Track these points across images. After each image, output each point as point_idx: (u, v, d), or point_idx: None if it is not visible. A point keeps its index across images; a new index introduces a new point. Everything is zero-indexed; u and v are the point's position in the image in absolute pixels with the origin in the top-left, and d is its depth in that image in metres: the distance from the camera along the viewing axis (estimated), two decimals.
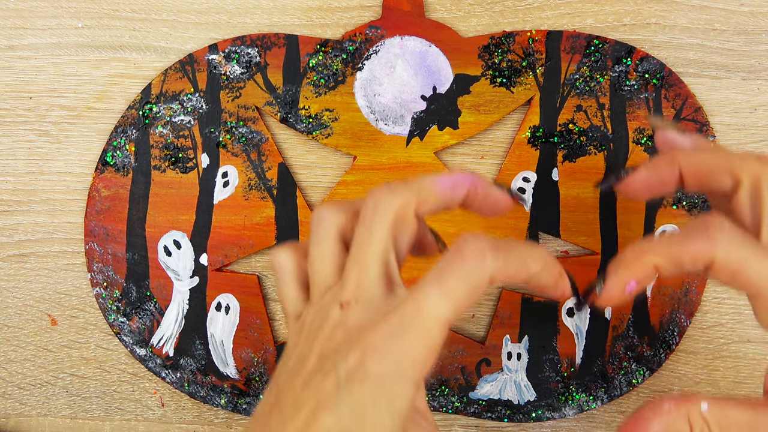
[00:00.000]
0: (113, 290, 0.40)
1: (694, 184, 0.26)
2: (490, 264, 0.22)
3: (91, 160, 0.41)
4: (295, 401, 0.23)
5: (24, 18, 0.41)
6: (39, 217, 0.41)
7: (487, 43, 0.39)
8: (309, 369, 0.23)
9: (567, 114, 0.39)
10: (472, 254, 0.22)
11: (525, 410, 0.40)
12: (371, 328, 0.22)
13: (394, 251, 0.24)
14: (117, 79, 0.41)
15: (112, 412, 0.42)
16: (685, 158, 0.26)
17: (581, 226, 0.40)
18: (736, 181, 0.25)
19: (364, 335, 0.22)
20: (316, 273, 0.25)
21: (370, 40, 0.39)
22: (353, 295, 0.23)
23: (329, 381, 0.22)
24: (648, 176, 0.27)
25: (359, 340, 0.22)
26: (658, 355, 0.40)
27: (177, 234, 0.40)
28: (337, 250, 0.25)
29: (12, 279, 0.42)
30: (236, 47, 0.40)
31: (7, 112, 0.41)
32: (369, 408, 0.21)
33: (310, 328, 0.24)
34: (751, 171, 0.25)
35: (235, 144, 0.40)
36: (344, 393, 0.21)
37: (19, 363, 0.42)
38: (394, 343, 0.21)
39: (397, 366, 0.21)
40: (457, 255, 0.22)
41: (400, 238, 0.24)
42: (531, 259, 0.23)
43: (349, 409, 0.21)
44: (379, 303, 0.23)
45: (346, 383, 0.21)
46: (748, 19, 0.40)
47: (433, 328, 0.21)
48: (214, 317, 0.40)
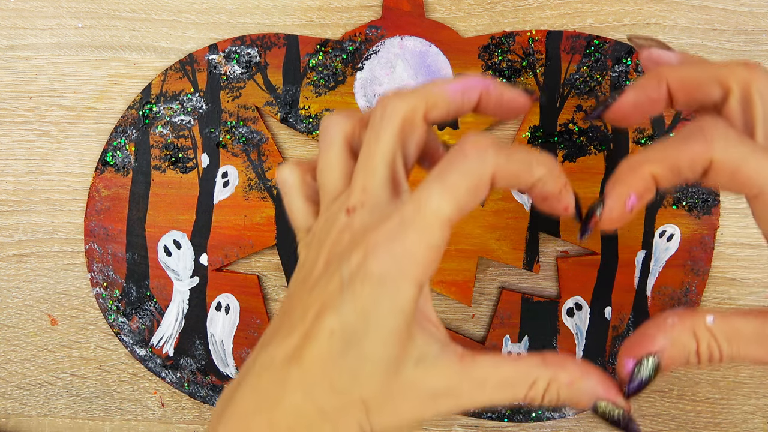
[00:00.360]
0: (113, 290, 0.40)
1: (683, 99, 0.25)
2: (492, 160, 0.22)
3: (91, 160, 0.41)
4: (302, 306, 0.23)
5: (24, 18, 0.41)
6: (39, 217, 0.41)
7: (487, 43, 0.39)
8: (316, 274, 0.23)
9: (567, 114, 0.39)
10: (473, 150, 0.22)
11: (525, 410, 0.40)
12: (374, 228, 0.21)
13: (402, 156, 0.24)
14: (117, 79, 0.41)
15: (112, 412, 0.42)
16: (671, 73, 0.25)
17: None
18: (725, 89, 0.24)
19: (367, 236, 0.21)
20: (325, 181, 0.25)
21: (370, 40, 0.39)
22: (359, 199, 0.23)
23: (334, 283, 0.22)
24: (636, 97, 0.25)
25: (362, 241, 0.21)
26: None
27: (177, 234, 0.40)
28: (345, 157, 0.25)
29: (12, 279, 0.42)
30: (236, 47, 0.40)
31: (7, 112, 0.41)
32: (371, 308, 0.21)
33: (319, 236, 0.24)
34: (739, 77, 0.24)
35: (235, 144, 0.40)
36: (347, 293, 0.21)
37: (19, 363, 0.42)
38: (395, 242, 0.21)
39: (398, 265, 0.21)
40: (459, 152, 0.22)
41: (407, 142, 0.24)
42: (536, 162, 0.22)
43: (352, 309, 0.21)
44: (385, 206, 0.23)
45: (349, 284, 0.21)
46: (748, 19, 0.40)
47: (433, 226, 0.21)
48: (214, 317, 0.40)
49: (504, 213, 0.40)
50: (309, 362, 0.22)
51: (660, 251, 0.40)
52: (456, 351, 0.22)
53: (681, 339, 0.21)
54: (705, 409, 0.41)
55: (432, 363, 0.22)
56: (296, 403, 0.22)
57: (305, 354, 0.22)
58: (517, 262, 0.40)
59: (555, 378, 0.22)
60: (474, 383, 0.22)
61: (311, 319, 0.22)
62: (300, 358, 0.22)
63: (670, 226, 0.39)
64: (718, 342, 0.21)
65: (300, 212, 0.26)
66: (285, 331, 0.23)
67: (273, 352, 0.23)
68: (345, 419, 0.22)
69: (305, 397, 0.22)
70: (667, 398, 0.41)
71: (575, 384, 0.22)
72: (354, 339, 0.21)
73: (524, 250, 0.40)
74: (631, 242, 0.40)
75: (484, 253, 0.40)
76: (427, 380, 0.22)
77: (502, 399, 0.22)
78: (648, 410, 0.41)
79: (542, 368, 0.22)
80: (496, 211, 0.40)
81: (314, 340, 0.21)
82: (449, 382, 0.22)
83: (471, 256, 0.40)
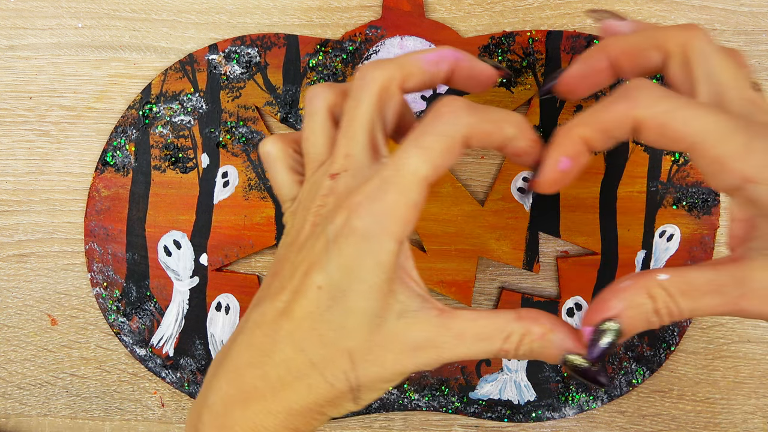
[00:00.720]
0: (113, 290, 0.40)
1: (627, 67, 0.26)
2: (465, 120, 0.23)
3: (91, 160, 0.41)
4: (291, 266, 0.24)
5: (24, 18, 0.41)
6: (39, 217, 0.41)
7: (487, 43, 0.39)
8: (303, 236, 0.24)
9: (567, 114, 0.39)
10: (447, 111, 0.23)
11: (525, 410, 0.40)
12: (356, 190, 0.23)
13: (381, 122, 0.25)
14: (117, 79, 0.41)
15: (112, 412, 0.42)
16: (613, 43, 0.26)
17: (581, 226, 0.40)
18: (665, 54, 0.25)
19: (350, 197, 0.23)
20: (309, 149, 0.26)
21: (370, 40, 0.39)
22: (342, 164, 0.24)
23: (320, 242, 0.23)
24: (581, 69, 0.27)
25: (345, 202, 0.23)
26: (658, 355, 0.40)
27: (177, 234, 0.40)
28: (327, 125, 0.26)
29: (12, 279, 0.42)
30: (236, 47, 0.40)
31: (7, 112, 0.41)
32: (355, 263, 0.22)
33: (305, 202, 0.25)
34: (677, 40, 0.25)
35: (235, 144, 0.40)
36: (333, 251, 0.22)
37: (19, 363, 0.42)
38: (376, 201, 0.22)
39: (379, 221, 0.22)
40: (434, 115, 0.23)
41: (386, 110, 0.25)
42: (506, 122, 0.24)
43: (337, 265, 0.22)
44: (366, 170, 0.24)
45: (334, 242, 0.23)
46: (748, 19, 0.40)
47: (411, 184, 0.22)
48: (214, 317, 0.40)
49: (504, 213, 0.40)
50: (298, 317, 0.23)
51: (660, 251, 0.40)
52: (436, 305, 0.23)
53: (636, 300, 0.22)
54: (705, 409, 0.41)
55: (413, 316, 0.23)
56: (287, 355, 0.23)
57: (295, 309, 0.23)
58: (517, 262, 0.40)
59: (528, 331, 0.23)
60: (452, 335, 0.23)
61: (300, 277, 0.23)
62: (290, 313, 0.23)
63: (670, 226, 0.39)
64: (674, 298, 0.22)
65: (285, 182, 0.27)
66: (275, 290, 0.24)
67: (264, 309, 0.24)
68: (332, 370, 0.23)
69: (295, 349, 0.23)
70: (667, 398, 0.41)
71: (546, 336, 0.23)
72: (339, 293, 0.22)
73: (524, 250, 0.40)
74: (631, 242, 0.40)
75: (484, 253, 0.40)
76: (409, 332, 0.23)
77: (479, 351, 0.23)
78: (648, 410, 0.41)
79: (516, 322, 0.23)
80: (496, 211, 0.40)
81: (303, 296, 0.23)
82: (429, 334, 0.23)
83: (471, 256, 0.40)
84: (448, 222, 0.40)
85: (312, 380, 0.23)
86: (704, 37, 0.24)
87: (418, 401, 0.40)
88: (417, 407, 0.40)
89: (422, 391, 0.40)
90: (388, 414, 0.41)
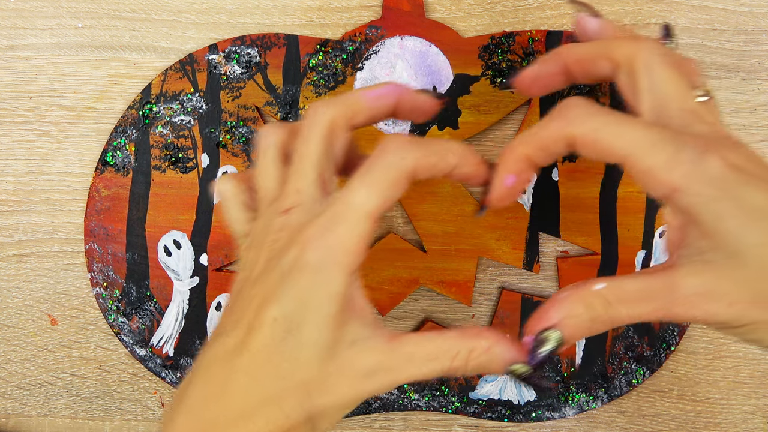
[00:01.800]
0: (113, 290, 0.40)
1: (579, 74, 0.28)
2: (410, 154, 0.24)
3: (91, 160, 0.41)
4: (247, 300, 0.24)
5: (24, 18, 0.41)
6: (39, 217, 0.41)
7: (487, 43, 0.39)
8: (258, 271, 0.25)
9: None
10: (392, 148, 0.24)
11: (525, 410, 0.40)
12: (308, 224, 0.24)
13: (330, 159, 0.26)
14: (117, 79, 0.41)
15: (112, 412, 0.42)
16: (568, 51, 0.28)
17: (581, 226, 0.40)
18: (614, 64, 0.27)
19: (303, 231, 0.24)
20: (261, 186, 0.27)
21: (370, 40, 0.39)
22: (294, 200, 0.25)
23: (274, 276, 0.24)
24: (535, 71, 0.29)
25: (298, 236, 0.24)
26: (658, 355, 0.40)
27: (177, 234, 0.40)
28: (278, 163, 0.27)
29: (12, 279, 0.42)
30: (236, 47, 0.40)
31: (7, 112, 0.41)
32: (309, 295, 0.23)
33: (259, 238, 0.26)
34: (624, 51, 0.26)
35: (235, 144, 0.40)
36: (287, 284, 0.23)
37: (19, 363, 0.42)
38: (328, 235, 0.23)
39: (331, 254, 0.23)
40: (380, 151, 0.25)
41: (334, 146, 0.26)
42: (449, 152, 0.25)
43: (292, 298, 0.23)
44: (317, 205, 0.25)
45: (288, 275, 0.23)
46: (748, 19, 0.40)
47: (360, 218, 0.23)
48: (215, 317, 0.40)
49: (504, 213, 0.40)
50: (254, 350, 0.23)
51: (660, 251, 0.40)
52: (384, 333, 0.24)
53: (575, 310, 0.23)
54: (705, 409, 0.41)
55: (363, 344, 0.24)
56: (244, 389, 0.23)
57: (250, 342, 0.23)
58: (517, 262, 0.40)
59: (474, 347, 0.24)
60: (403, 359, 0.24)
61: (254, 310, 0.24)
62: (246, 346, 0.23)
63: None
64: (612, 305, 0.23)
65: (238, 219, 0.28)
66: (231, 325, 0.24)
67: (221, 345, 0.24)
68: (288, 401, 0.23)
69: (252, 382, 0.23)
70: (667, 398, 0.41)
71: (491, 350, 0.24)
72: (294, 326, 0.23)
73: (524, 250, 0.40)
74: (631, 242, 0.40)
75: (484, 253, 0.40)
76: (360, 359, 0.24)
77: (430, 371, 0.24)
78: (648, 410, 0.41)
79: (462, 340, 0.24)
80: (496, 211, 0.39)
81: (258, 329, 0.23)
82: (380, 358, 0.24)
83: (471, 256, 0.40)
84: (448, 222, 0.40)
85: (269, 413, 0.23)
86: (651, 50, 0.26)
87: (418, 401, 0.40)
88: (417, 407, 0.40)
89: (422, 391, 0.40)
90: (388, 414, 0.41)
